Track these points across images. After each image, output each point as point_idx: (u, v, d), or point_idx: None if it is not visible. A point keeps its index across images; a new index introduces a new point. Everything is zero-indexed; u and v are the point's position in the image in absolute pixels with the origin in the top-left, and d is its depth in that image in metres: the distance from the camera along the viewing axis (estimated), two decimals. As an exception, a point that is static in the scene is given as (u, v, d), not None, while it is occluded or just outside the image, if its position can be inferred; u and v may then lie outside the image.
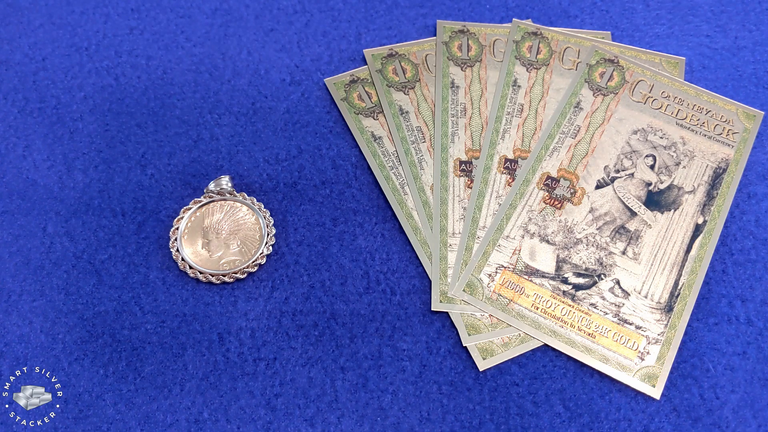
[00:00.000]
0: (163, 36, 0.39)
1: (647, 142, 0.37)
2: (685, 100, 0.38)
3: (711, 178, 0.36)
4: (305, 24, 0.39)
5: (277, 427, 0.31)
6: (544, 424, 0.31)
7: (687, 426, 0.31)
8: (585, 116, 0.37)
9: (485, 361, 0.32)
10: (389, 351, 0.32)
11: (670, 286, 0.34)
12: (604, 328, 0.33)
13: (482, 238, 0.34)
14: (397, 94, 0.37)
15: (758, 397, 0.32)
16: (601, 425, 0.31)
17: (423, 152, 0.36)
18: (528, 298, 0.33)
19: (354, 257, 0.34)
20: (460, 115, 0.37)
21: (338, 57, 0.39)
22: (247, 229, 0.34)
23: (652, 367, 0.32)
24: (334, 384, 0.31)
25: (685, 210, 0.35)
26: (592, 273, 0.34)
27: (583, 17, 0.40)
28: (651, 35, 0.40)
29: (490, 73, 0.38)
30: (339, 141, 0.36)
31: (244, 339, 0.32)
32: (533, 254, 0.34)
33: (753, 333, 0.33)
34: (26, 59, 0.38)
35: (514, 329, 0.33)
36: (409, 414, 0.31)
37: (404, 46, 0.39)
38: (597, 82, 0.38)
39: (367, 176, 0.36)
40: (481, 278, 0.33)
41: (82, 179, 0.35)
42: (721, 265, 0.34)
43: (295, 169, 0.36)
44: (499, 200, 0.35)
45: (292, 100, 0.37)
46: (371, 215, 0.35)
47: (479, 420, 0.31)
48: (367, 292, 0.33)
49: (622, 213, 0.35)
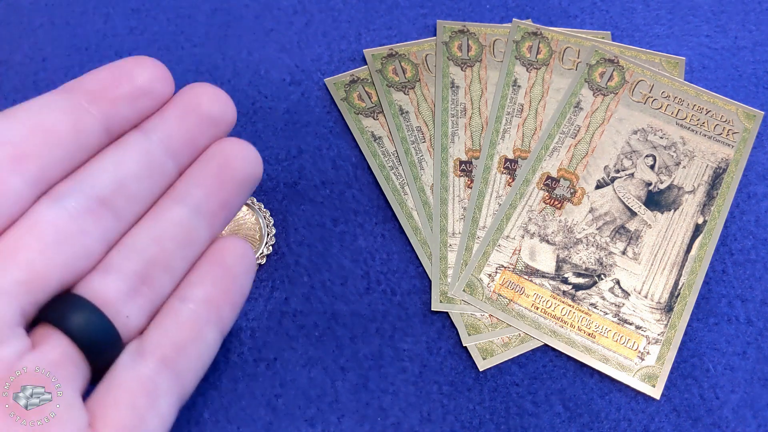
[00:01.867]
0: (163, 36, 0.39)
1: (647, 142, 0.37)
2: (685, 100, 0.38)
3: (711, 178, 0.36)
4: (305, 24, 0.39)
5: (277, 428, 0.31)
6: (544, 424, 0.31)
7: (687, 426, 0.31)
8: (585, 116, 0.37)
9: (485, 361, 0.32)
10: (390, 351, 0.32)
11: (670, 286, 0.34)
12: (604, 328, 0.33)
13: (482, 238, 0.34)
14: (397, 94, 0.37)
15: (758, 397, 0.32)
16: (601, 425, 0.31)
17: (423, 152, 0.36)
18: (528, 298, 0.33)
19: (354, 257, 0.34)
20: (460, 115, 0.37)
21: (338, 57, 0.39)
22: (247, 229, 0.34)
23: (652, 367, 0.32)
24: (334, 384, 0.31)
25: (685, 210, 0.35)
26: (592, 273, 0.34)
27: (583, 17, 0.40)
28: (651, 35, 0.40)
29: (490, 73, 0.38)
30: (339, 141, 0.36)
31: (244, 339, 0.32)
32: (533, 254, 0.34)
33: (753, 333, 0.33)
34: (26, 59, 0.38)
35: (514, 329, 0.33)
36: (410, 414, 0.31)
37: (404, 46, 0.39)
38: (597, 82, 0.38)
39: (367, 176, 0.36)
40: (481, 278, 0.33)
41: (83, 179, 0.35)
42: (721, 265, 0.34)
43: (295, 169, 0.36)
44: (499, 200, 0.35)
45: (292, 100, 0.37)
46: (371, 215, 0.35)
47: (479, 420, 0.31)
48: (368, 293, 0.33)
49: (622, 213, 0.35)
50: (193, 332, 0.22)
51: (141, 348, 0.22)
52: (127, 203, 0.22)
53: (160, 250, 0.22)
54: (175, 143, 0.23)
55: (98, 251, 0.21)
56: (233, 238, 0.24)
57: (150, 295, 0.22)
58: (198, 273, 0.23)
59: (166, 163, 0.23)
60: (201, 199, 0.23)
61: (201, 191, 0.23)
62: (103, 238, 0.21)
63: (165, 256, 0.22)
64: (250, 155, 0.24)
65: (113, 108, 0.22)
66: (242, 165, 0.23)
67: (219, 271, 0.23)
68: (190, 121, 0.23)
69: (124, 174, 0.22)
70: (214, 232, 0.24)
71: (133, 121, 0.22)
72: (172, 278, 0.23)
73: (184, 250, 0.23)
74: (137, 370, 0.21)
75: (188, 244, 0.23)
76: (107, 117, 0.21)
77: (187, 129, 0.23)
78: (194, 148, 0.23)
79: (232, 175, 0.23)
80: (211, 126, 0.23)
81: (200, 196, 0.23)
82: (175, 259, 0.22)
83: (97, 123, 0.21)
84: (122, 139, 0.22)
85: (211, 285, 0.23)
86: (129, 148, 0.22)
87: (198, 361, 0.23)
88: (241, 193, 0.24)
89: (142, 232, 0.22)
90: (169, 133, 0.23)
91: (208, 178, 0.23)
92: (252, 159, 0.24)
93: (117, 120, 0.22)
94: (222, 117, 0.23)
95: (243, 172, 0.23)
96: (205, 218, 0.23)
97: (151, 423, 0.21)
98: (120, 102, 0.22)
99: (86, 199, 0.21)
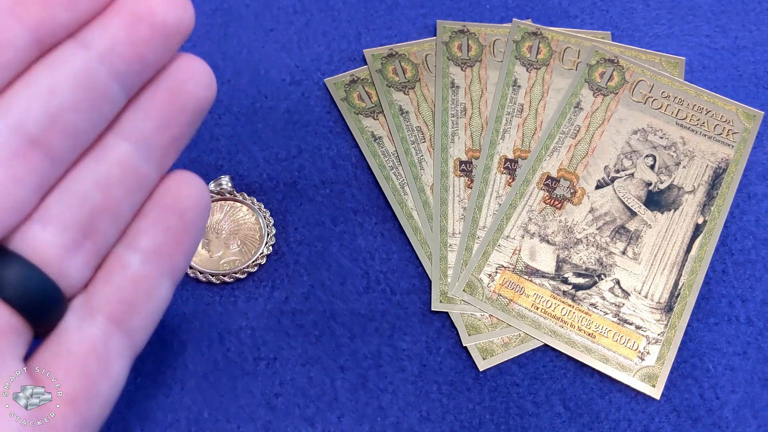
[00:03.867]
0: (164, 36, 0.39)
1: (647, 142, 0.37)
2: (685, 100, 0.38)
3: (711, 178, 0.36)
4: (305, 24, 0.39)
5: (276, 427, 0.30)
6: (544, 424, 0.31)
7: (687, 426, 0.31)
8: (585, 116, 0.37)
9: (485, 361, 0.32)
10: (389, 351, 0.32)
11: (670, 286, 0.34)
12: (604, 328, 0.33)
13: (482, 238, 0.34)
14: (397, 94, 0.37)
15: (758, 397, 0.32)
16: (601, 425, 0.31)
17: (423, 152, 0.36)
18: (528, 298, 0.33)
19: (354, 257, 0.34)
20: (460, 115, 0.37)
21: (338, 57, 0.39)
22: (247, 229, 0.34)
23: (652, 367, 0.32)
24: (333, 383, 0.31)
25: (685, 210, 0.35)
26: (592, 273, 0.34)
27: (583, 17, 0.40)
28: (651, 35, 0.40)
29: (490, 73, 0.38)
30: (339, 141, 0.36)
31: (244, 338, 0.32)
32: (533, 254, 0.34)
33: (753, 333, 0.33)
34: (26, 59, 0.38)
35: (514, 329, 0.33)
36: (409, 414, 0.31)
37: (404, 46, 0.39)
38: (597, 82, 0.38)
39: (367, 176, 0.36)
40: (481, 278, 0.33)
41: (82, 179, 0.35)
42: (721, 265, 0.34)
43: (295, 168, 0.36)
44: (499, 200, 0.35)
45: (292, 100, 0.37)
46: (371, 215, 0.35)
47: (479, 420, 0.31)
48: (367, 292, 0.33)
49: (622, 213, 0.35)
50: (144, 286, 0.20)
51: (88, 305, 0.19)
52: (63, 140, 0.18)
53: (104, 196, 0.19)
54: (121, 61, 0.18)
55: (31, 200, 0.18)
56: (184, 174, 0.21)
57: (93, 247, 0.19)
58: (146, 218, 0.20)
59: (110, 87, 0.18)
60: (150, 134, 0.20)
61: (150, 124, 0.20)
62: (36, 185, 0.18)
63: (110, 203, 0.19)
64: (204, 77, 0.20)
65: (45, 12, 0.17)
66: (196, 90, 0.20)
67: (170, 216, 0.20)
68: (139, 31, 0.18)
69: (59, 103, 0.18)
70: (163, 170, 0.21)
71: (70, 29, 0.18)
72: (118, 226, 0.20)
73: (131, 194, 0.20)
74: (85, 332, 0.19)
75: (136, 187, 0.20)
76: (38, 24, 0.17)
77: (135, 41, 0.18)
78: (143, 67, 0.19)
79: (186, 102, 0.20)
80: (164, 38, 0.19)
81: (149, 129, 0.20)
82: (122, 206, 0.20)
83: (25, 32, 0.17)
84: (55, 53, 0.18)
85: (162, 232, 0.20)
86: (64, 66, 0.18)
87: (150, 317, 0.21)
88: (193, 123, 0.20)
89: (83, 174, 0.19)
90: (113, 47, 0.18)
91: (158, 107, 0.20)
92: (207, 82, 0.20)
93: (50, 27, 0.18)
94: (178, 25, 0.19)
95: (197, 98, 0.20)
96: (154, 156, 0.20)
97: (103, 389, 0.19)
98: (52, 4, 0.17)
99: (13, 137, 0.17)
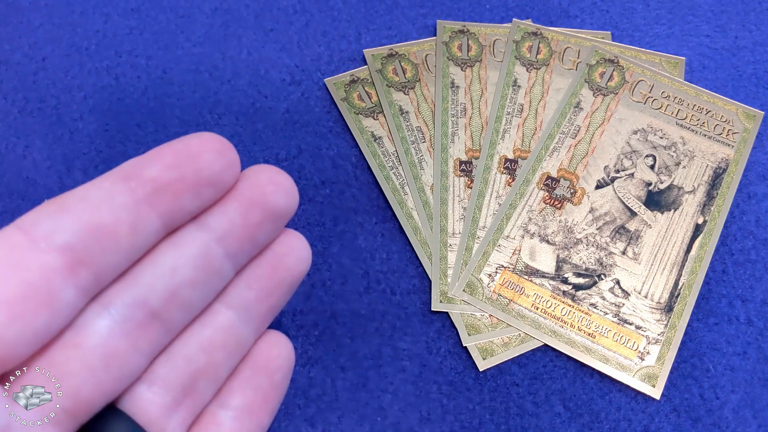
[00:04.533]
0: (163, 36, 0.39)
1: (647, 142, 0.37)
2: (685, 100, 0.38)
3: (711, 178, 0.36)
4: (305, 24, 0.39)
5: (277, 427, 0.30)
6: (544, 424, 0.31)
7: (687, 426, 0.31)
8: (585, 116, 0.37)
9: (485, 361, 0.32)
10: (389, 351, 0.32)
11: (670, 286, 0.34)
12: (604, 328, 0.33)
13: (482, 238, 0.34)
14: (397, 94, 0.37)
15: (758, 397, 0.32)
16: (601, 425, 0.31)
17: (423, 152, 0.36)
18: (528, 298, 0.33)
19: (354, 257, 0.34)
20: (460, 115, 0.37)
21: (338, 57, 0.39)
22: (247, 229, 0.34)
23: (652, 367, 0.32)
24: (334, 384, 0.31)
25: (685, 210, 0.35)
26: (592, 273, 0.34)
27: (583, 17, 0.40)
28: (651, 35, 0.40)
29: (490, 73, 0.38)
30: (339, 141, 0.36)
31: (244, 339, 0.32)
32: (533, 254, 0.34)
33: (753, 333, 0.33)
34: (26, 59, 0.38)
35: (514, 329, 0.33)
36: (409, 414, 0.31)
37: (404, 46, 0.39)
38: (597, 82, 0.38)
39: (367, 176, 0.36)
40: (481, 278, 0.33)
41: (82, 179, 0.35)
42: (721, 265, 0.34)
43: (295, 168, 0.36)
44: (499, 200, 0.35)
45: (292, 100, 0.37)
46: (371, 215, 0.35)
47: (479, 420, 0.31)
48: (367, 292, 0.33)
49: (622, 213, 0.35)
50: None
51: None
52: (178, 313, 0.20)
53: (206, 358, 0.21)
54: (236, 242, 0.20)
55: (144, 365, 0.20)
56: (277, 336, 0.23)
57: (191, 406, 0.21)
58: (240, 378, 0.22)
59: (224, 267, 0.20)
60: (252, 303, 0.21)
61: (252, 294, 0.21)
62: (151, 352, 0.20)
63: (211, 365, 0.21)
64: (303, 252, 0.22)
65: (176, 202, 0.19)
66: (295, 264, 0.22)
67: (261, 376, 0.22)
68: (253, 215, 0.20)
69: (179, 281, 0.20)
70: (258, 334, 0.22)
71: (193, 214, 0.20)
72: (216, 386, 0.21)
73: (231, 357, 0.21)
74: None
75: (235, 351, 0.21)
76: (168, 212, 0.19)
77: (249, 225, 0.20)
78: (253, 247, 0.21)
79: (285, 276, 0.22)
80: (274, 221, 0.21)
81: (251, 299, 0.21)
82: (221, 368, 0.21)
83: (157, 219, 0.19)
84: (179, 235, 0.20)
85: (252, 392, 0.22)
86: (186, 248, 0.20)
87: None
88: (289, 293, 0.22)
89: (189, 339, 0.21)
90: (230, 230, 0.20)
91: (261, 279, 0.21)
92: (306, 257, 0.22)
93: (178, 215, 0.19)
94: (287, 209, 0.21)
95: (295, 272, 0.22)
96: (254, 322, 0.22)
97: None
98: (183, 195, 0.19)
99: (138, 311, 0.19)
